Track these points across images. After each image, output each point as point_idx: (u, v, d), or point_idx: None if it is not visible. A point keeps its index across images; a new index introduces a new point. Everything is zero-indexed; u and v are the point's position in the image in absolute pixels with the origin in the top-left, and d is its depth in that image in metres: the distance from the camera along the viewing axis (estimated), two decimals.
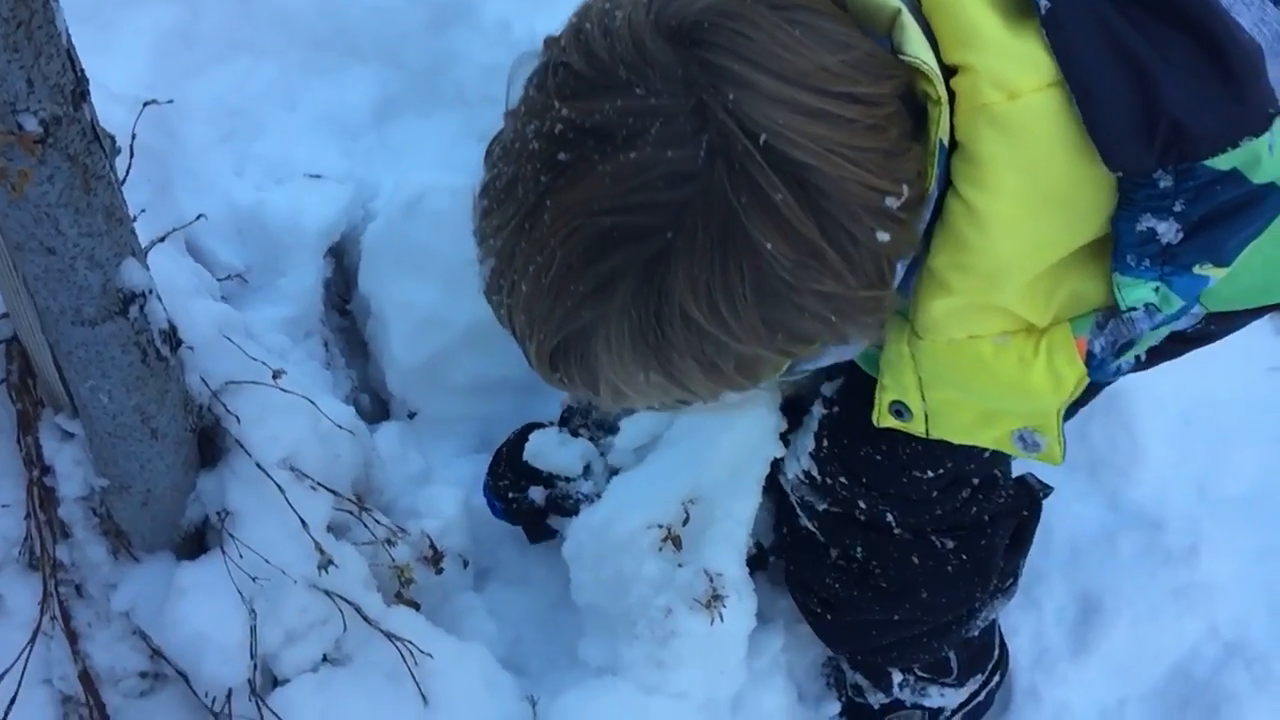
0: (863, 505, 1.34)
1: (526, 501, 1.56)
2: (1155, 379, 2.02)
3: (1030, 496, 1.48)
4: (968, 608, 1.44)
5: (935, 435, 1.11)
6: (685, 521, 1.42)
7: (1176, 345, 1.30)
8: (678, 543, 1.41)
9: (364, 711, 1.28)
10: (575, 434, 1.55)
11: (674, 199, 0.81)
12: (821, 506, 1.37)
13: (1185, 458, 1.99)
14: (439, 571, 1.43)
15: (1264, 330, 2.17)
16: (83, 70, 0.94)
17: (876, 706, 1.60)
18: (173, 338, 1.14)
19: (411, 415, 1.67)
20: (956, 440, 1.11)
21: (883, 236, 0.85)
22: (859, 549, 1.38)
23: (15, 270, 1.06)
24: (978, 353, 1.00)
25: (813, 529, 1.42)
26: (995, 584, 1.46)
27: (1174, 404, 2.03)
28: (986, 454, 1.26)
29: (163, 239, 1.32)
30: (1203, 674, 1.78)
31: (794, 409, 1.44)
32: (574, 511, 1.51)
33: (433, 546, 1.42)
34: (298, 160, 1.69)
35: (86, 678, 1.31)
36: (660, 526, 1.41)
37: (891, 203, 0.85)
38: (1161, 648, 1.80)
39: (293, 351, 1.54)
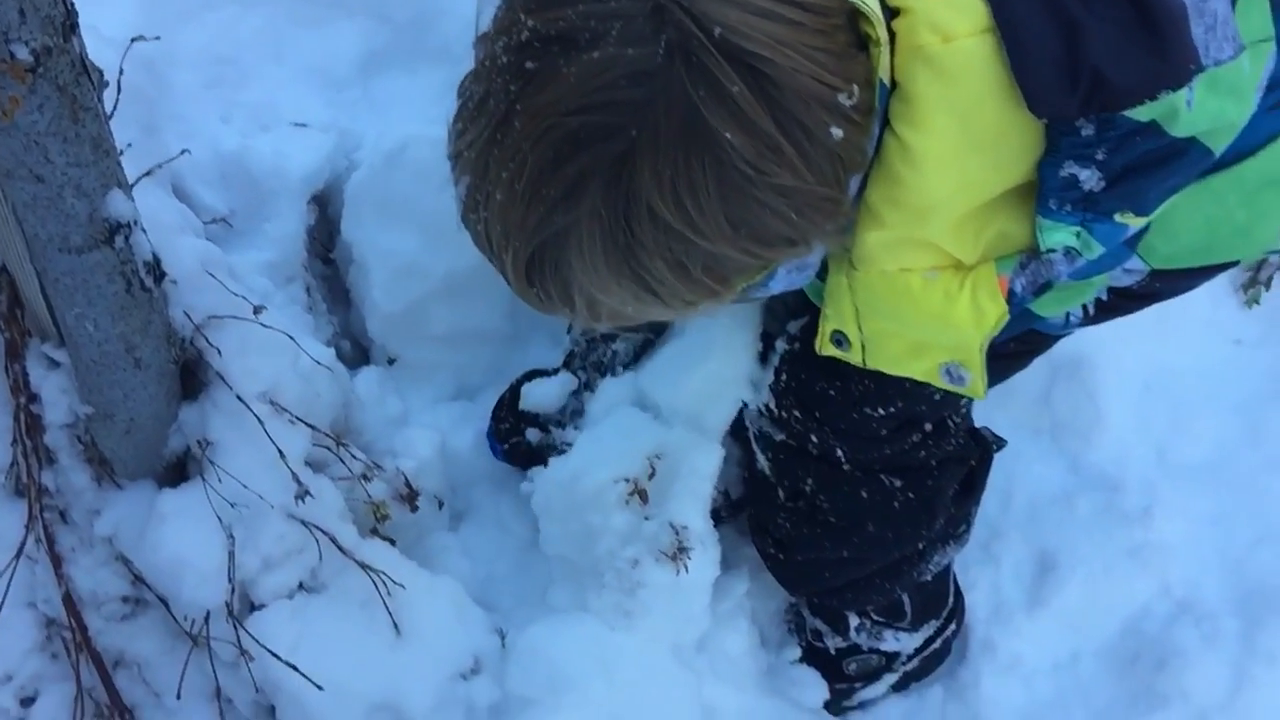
0: (814, 440, 1.38)
1: (524, 444, 1.61)
2: (1119, 349, 2.09)
3: (982, 447, 1.53)
4: (914, 548, 1.49)
5: (871, 365, 1.16)
6: (651, 476, 1.46)
7: (1125, 302, 1.34)
8: (644, 496, 1.45)
9: (338, 638, 1.33)
10: (575, 377, 1.60)
11: (636, 96, 0.85)
12: (779, 438, 1.42)
13: (1146, 424, 2.04)
14: (414, 510, 1.48)
15: (1229, 304, 2.22)
16: (72, 4, 0.97)
17: (834, 651, 1.65)
18: (157, 269, 1.18)
19: (391, 361, 1.72)
20: (890, 370, 1.16)
21: (836, 133, 0.89)
22: (809, 483, 1.42)
23: (4, 198, 1.09)
24: (907, 285, 1.05)
25: (767, 467, 1.46)
26: (946, 529, 1.51)
27: (1138, 373, 2.08)
28: (937, 396, 1.31)
29: (149, 173, 1.35)
30: (1153, 630, 1.83)
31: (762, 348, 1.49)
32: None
33: (408, 485, 1.47)
34: (283, 109, 1.72)
35: (69, 601, 1.35)
36: (627, 480, 1.45)
37: (843, 99, 0.89)
38: (1114, 604, 1.86)
39: (275, 295, 1.58)
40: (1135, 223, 1.03)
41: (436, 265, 1.67)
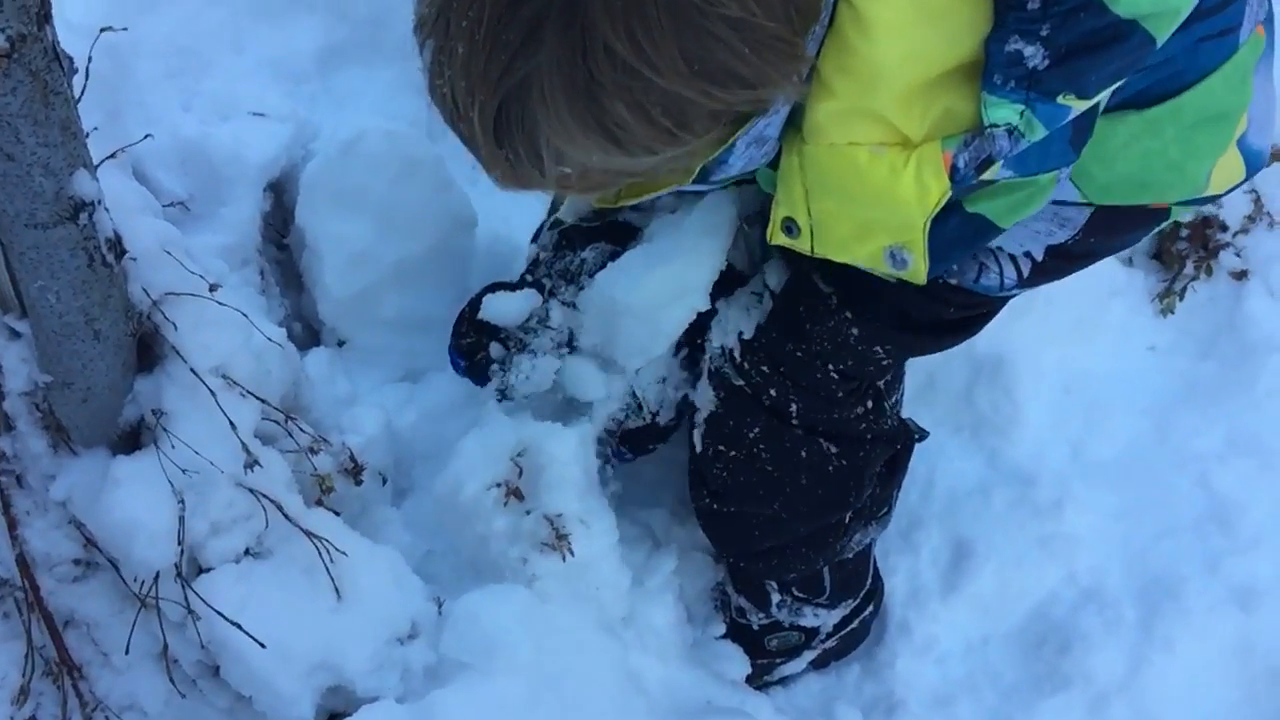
0: (773, 393, 1.46)
1: (487, 358, 1.58)
2: (1039, 351, 2.19)
3: (907, 434, 1.63)
4: (840, 516, 1.57)
5: (819, 251, 1.19)
6: (520, 474, 1.52)
7: (1061, 263, 1.39)
8: (519, 495, 1.52)
9: (281, 601, 1.40)
10: (539, 286, 1.57)
11: None
12: (737, 383, 1.48)
13: (1062, 423, 2.15)
14: (358, 484, 1.55)
15: (1145, 312, 2.34)
16: None
17: (757, 627, 1.74)
18: (118, 247, 1.25)
19: (341, 343, 1.79)
20: (837, 256, 1.19)
21: None
22: (754, 431, 1.49)
23: None
24: (854, 159, 1.08)
25: (715, 406, 1.51)
26: (870, 507, 1.61)
27: (1057, 375, 2.19)
28: (884, 361, 1.42)
29: (112, 155, 1.42)
30: (1059, 616, 1.94)
31: (723, 286, 1.53)
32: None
33: (353, 460, 1.54)
34: (243, 99, 1.78)
35: (23, 562, 1.41)
36: (499, 485, 1.52)
37: None
38: (1024, 591, 1.97)
39: (230, 277, 1.65)
40: (1078, 105, 1.06)
41: (387, 253, 1.74)
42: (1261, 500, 2.06)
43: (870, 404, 1.51)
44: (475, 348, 1.59)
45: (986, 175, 1.11)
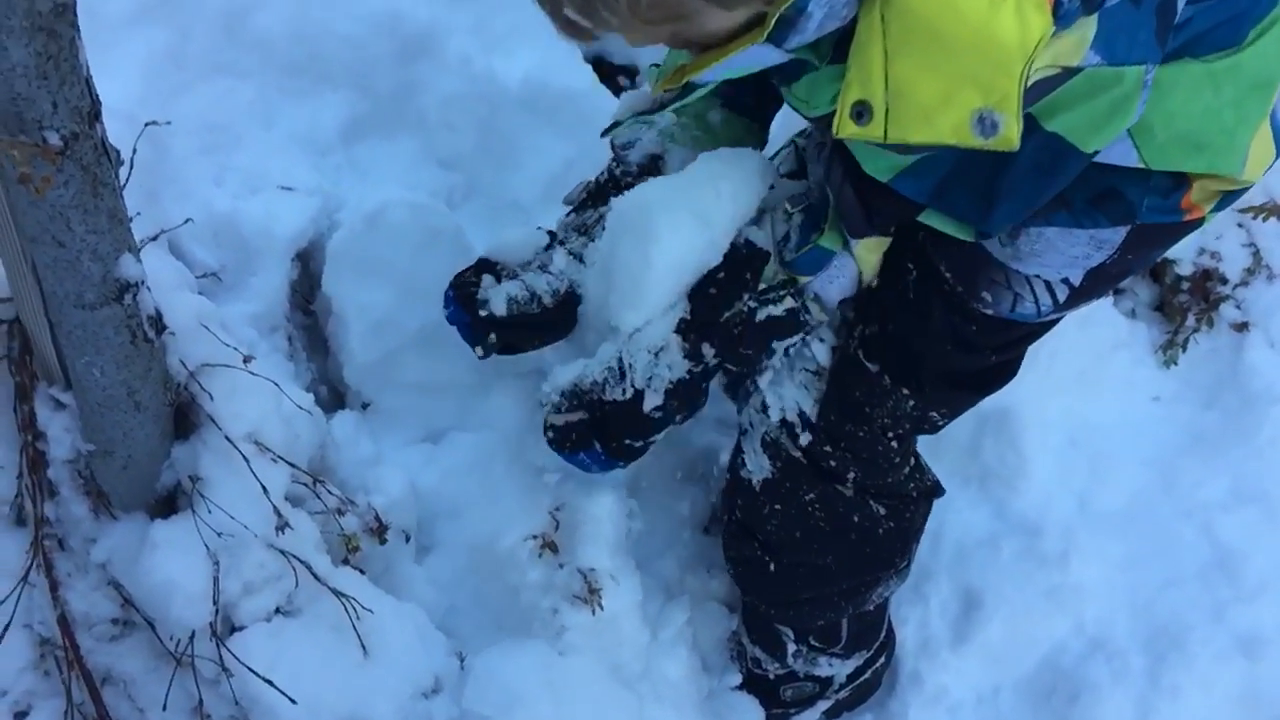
0: (833, 464, 1.52)
1: (475, 292, 1.53)
2: (1045, 403, 2.25)
3: (938, 489, 1.69)
4: (885, 573, 1.64)
5: (894, 135, 1.09)
6: (556, 527, 1.59)
7: (1098, 284, 1.38)
8: (554, 548, 1.59)
9: (311, 658, 1.45)
10: (550, 235, 1.53)
11: None
12: (795, 455, 1.53)
13: (1068, 474, 2.20)
14: (383, 542, 1.62)
15: (1149, 363, 2.39)
16: (97, 95, 1.13)
17: (773, 677, 1.79)
18: (158, 323, 1.32)
19: (365, 406, 1.86)
20: (915, 138, 1.09)
21: None
22: (809, 495, 1.54)
23: (25, 259, 1.24)
24: None
25: (768, 473, 1.56)
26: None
27: (1061, 426, 2.24)
28: (940, 422, 1.49)
29: (154, 238, 1.49)
30: (1068, 666, 1.98)
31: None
32: (535, 320, 1.50)
33: (379, 520, 1.61)
34: (272, 173, 1.87)
35: (64, 622, 1.47)
36: (535, 537, 1.58)
37: None
38: (1033, 641, 2.01)
39: (260, 344, 1.73)
40: None
41: (409, 319, 1.82)
42: (1265, 549, 2.10)
43: (913, 460, 1.58)
44: (471, 285, 1.55)
45: (1076, 61, 1.06)
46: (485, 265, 1.56)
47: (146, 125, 1.48)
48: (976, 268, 1.37)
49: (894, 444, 1.53)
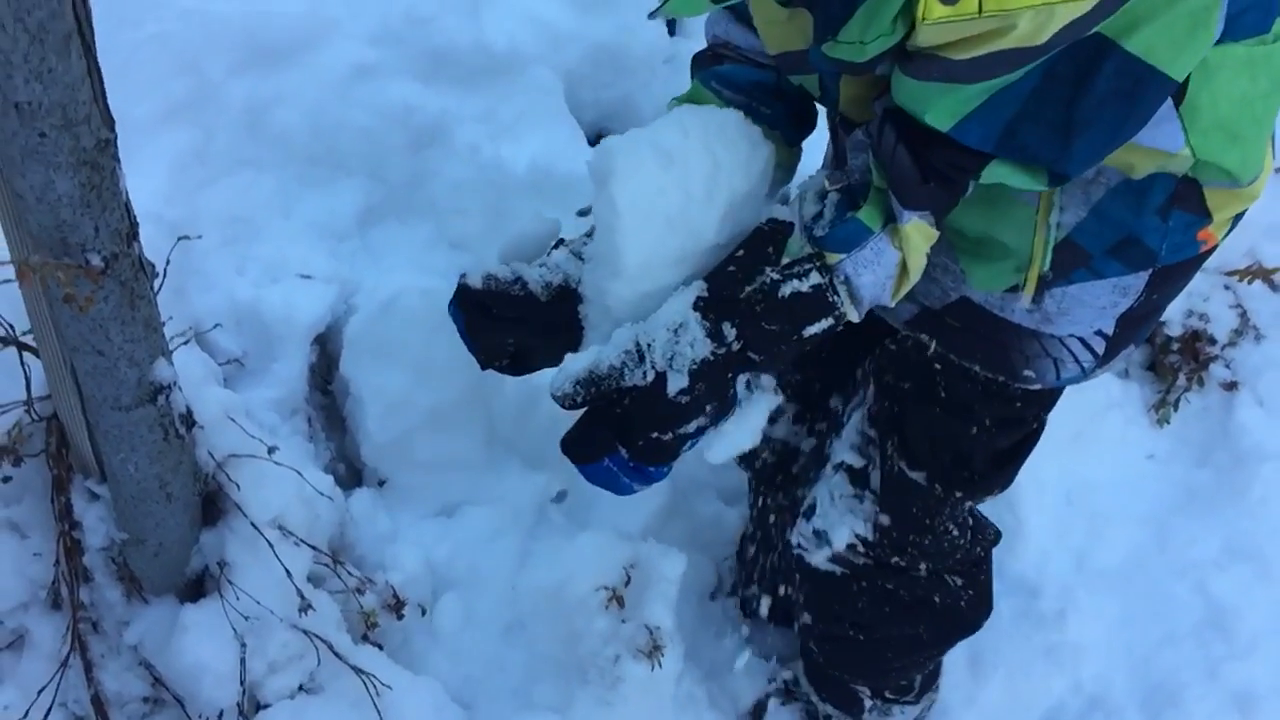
0: (902, 563, 1.60)
1: (465, 279, 1.36)
2: (1040, 463, 2.29)
3: (997, 537, 1.74)
4: (970, 633, 1.72)
5: (990, 6, 1.00)
6: (627, 583, 1.67)
7: (1130, 329, 1.37)
8: (621, 602, 1.68)
9: None
10: (560, 240, 1.38)
11: None
12: (863, 563, 1.61)
13: (1065, 533, 2.26)
14: (400, 617, 1.69)
15: (1142, 423, 2.46)
16: (135, 217, 1.22)
17: None
18: (189, 419, 1.41)
19: (381, 483, 1.94)
20: (1012, 3, 1.00)
21: None
22: (889, 585, 1.62)
23: (65, 364, 1.33)
24: None
25: (840, 571, 1.63)
26: None
27: (1058, 486, 2.31)
28: (993, 497, 1.52)
29: (186, 341, 1.58)
30: None
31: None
32: (518, 302, 1.32)
33: (396, 596, 1.68)
34: (291, 261, 1.96)
35: (98, 701, 1.55)
36: (606, 589, 1.66)
37: None
38: (1033, 700, 2.06)
39: (281, 427, 1.81)
40: None
41: (422, 399, 1.90)
42: (1258, 606, 2.15)
43: (972, 523, 1.65)
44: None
45: None
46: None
47: (179, 240, 1.57)
48: (1009, 352, 1.37)
49: (954, 530, 1.61)
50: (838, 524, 1.60)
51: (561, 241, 1.36)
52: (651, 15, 1.19)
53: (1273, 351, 2.44)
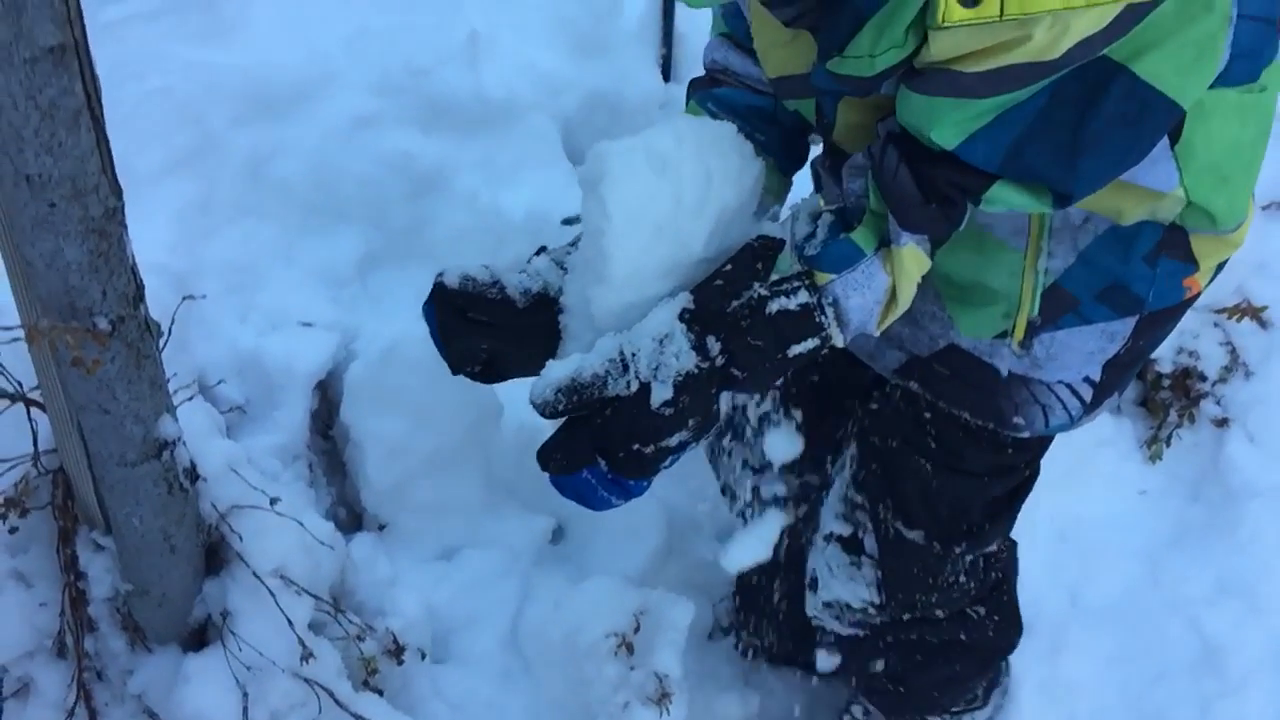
0: (918, 614, 1.62)
1: (441, 277, 1.29)
2: (1034, 499, 2.32)
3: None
4: (1011, 650, 1.74)
5: (1011, 10, 1.00)
6: (636, 630, 1.70)
7: (1117, 375, 1.39)
8: (630, 648, 1.70)
9: None
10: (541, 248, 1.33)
11: None
12: (878, 622, 1.64)
13: (1059, 569, 2.28)
14: (400, 663, 1.71)
15: (1135, 458, 2.49)
16: (141, 279, 1.25)
17: None
18: (193, 473, 1.44)
19: (381, 527, 1.97)
20: (1034, 7, 0.99)
21: None
22: (912, 636, 1.64)
23: (71, 420, 1.36)
24: None
25: (861, 634, 1.67)
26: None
27: (1051, 522, 2.33)
28: (995, 542, 1.52)
29: (191, 398, 1.61)
30: None
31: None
32: (493, 305, 1.26)
33: (396, 642, 1.70)
34: (292, 309, 2.00)
35: None
36: (616, 635, 1.69)
37: None
38: None
39: (283, 473, 1.84)
40: None
41: (421, 445, 1.93)
42: (1250, 643, 2.17)
43: (981, 554, 1.64)
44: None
45: None
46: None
47: (184, 299, 1.60)
48: (998, 399, 1.38)
49: (963, 578, 1.62)
50: (843, 593, 1.63)
51: (543, 249, 1.32)
52: None
53: (1262, 388, 2.47)
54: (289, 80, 2.11)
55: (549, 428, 1.57)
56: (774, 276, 1.19)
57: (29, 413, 1.45)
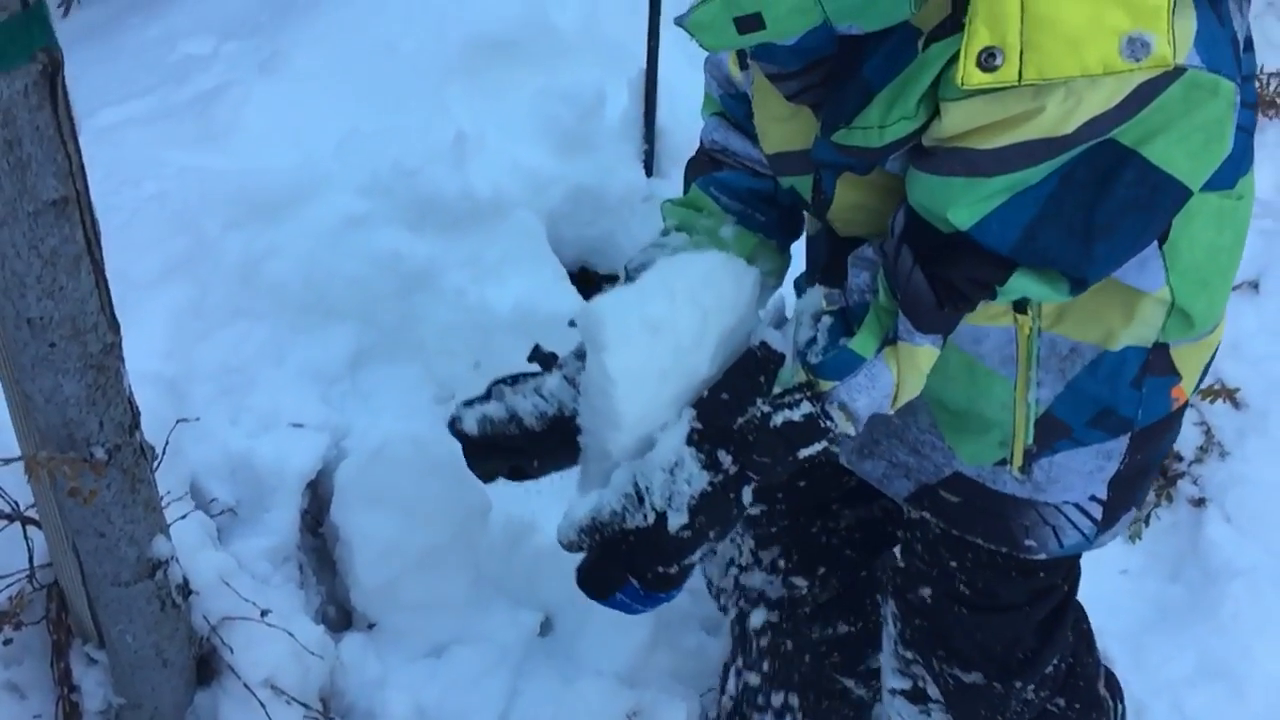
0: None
1: (459, 424, 1.40)
2: None
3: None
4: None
5: (1032, 73, 1.00)
6: None
7: (1124, 491, 1.40)
8: None
9: None
10: (551, 358, 1.42)
11: None
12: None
13: None
14: None
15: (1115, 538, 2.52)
16: (137, 407, 1.29)
17: None
18: (185, 589, 1.46)
19: (370, 626, 1.99)
20: (1057, 73, 1.00)
21: None
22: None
23: (67, 540, 1.39)
24: None
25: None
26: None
27: None
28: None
29: (184, 516, 1.64)
30: None
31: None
32: (514, 444, 1.37)
33: None
34: (284, 409, 2.03)
35: None
36: None
37: None
38: None
39: (273, 576, 1.86)
40: None
41: (411, 543, 1.96)
42: None
43: (1036, 672, 1.61)
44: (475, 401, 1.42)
45: (1181, 58, 1.02)
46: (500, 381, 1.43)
47: (178, 422, 1.64)
48: (1008, 523, 1.40)
49: (1030, 694, 1.60)
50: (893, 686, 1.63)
51: (553, 358, 1.39)
52: (677, 21, 1.16)
53: (1238, 468, 2.51)
54: (281, 183, 2.17)
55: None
56: (777, 389, 1.23)
57: (25, 530, 1.48)
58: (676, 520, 1.23)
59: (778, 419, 1.23)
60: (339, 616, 2.03)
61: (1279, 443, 2.52)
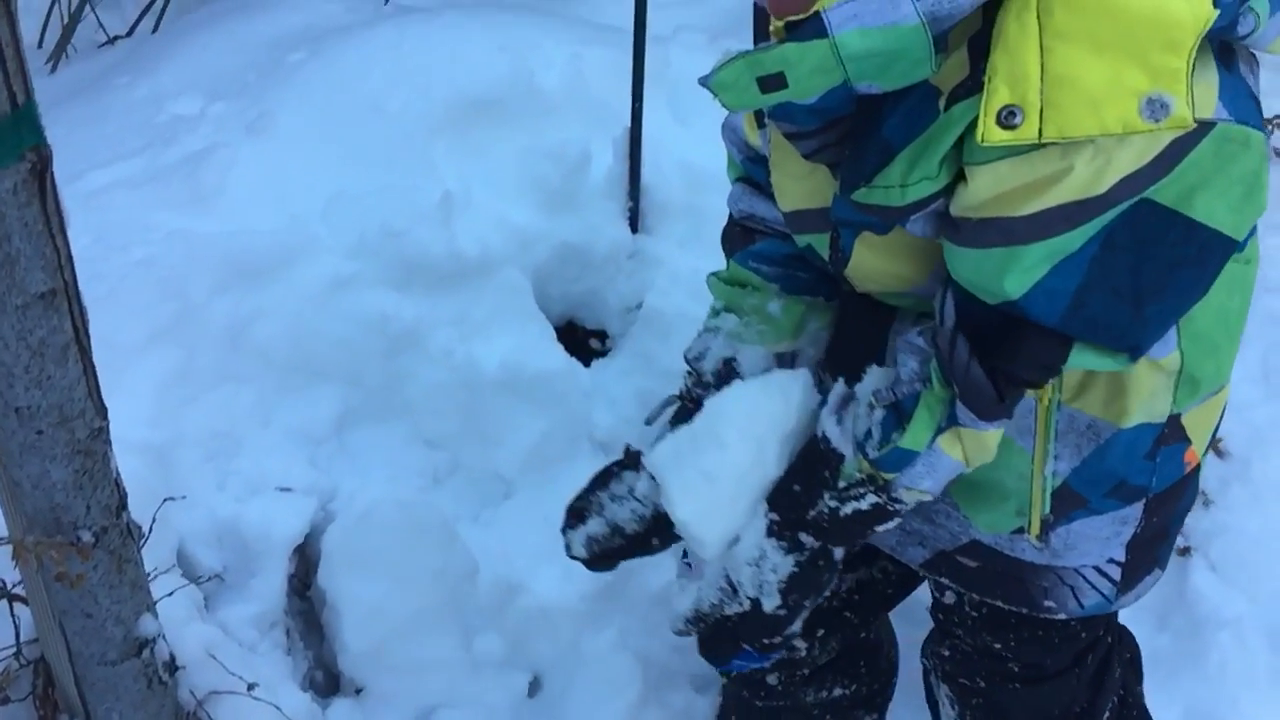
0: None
1: (570, 551, 1.49)
2: None
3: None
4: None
5: (1052, 131, 1.00)
6: None
7: (1143, 553, 1.41)
8: None
9: None
10: (636, 459, 1.49)
11: None
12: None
13: None
14: None
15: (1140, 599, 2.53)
16: (124, 489, 1.29)
17: None
18: (172, 665, 1.46)
19: (358, 691, 1.98)
20: (1076, 132, 1.01)
21: None
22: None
23: (54, 619, 1.39)
24: None
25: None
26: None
27: None
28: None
29: (171, 594, 1.64)
30: None
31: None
32: (623, 551, 1.47)
33: None
34: (270, 473, 2.03)
35: None
36: None
37: None
38: None
39: (260, 643, 1.86)
40: None
41: (398, 608, 1.96)
42: None
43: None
44: (579, 510, 1.50)
45: (1209, 113, 1.03)
46: (583, 503, 1.50)
47: (165, 500, 1.64)
48: (1027, 586, 1.42)
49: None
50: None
51: (638, 459, 1.46)
52: (701, 81, 1.18)
53: (1222, 517, 2.52)
54: (268, 246, 2.18)
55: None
56: (842, 483, 1.30)
57: (11, 607, 1.48)
58: (770, 604, 1.34)
59: (847, 509, 1.31)
60: (327, 681, 2.03)
61: (1262, 491, 2.53)
